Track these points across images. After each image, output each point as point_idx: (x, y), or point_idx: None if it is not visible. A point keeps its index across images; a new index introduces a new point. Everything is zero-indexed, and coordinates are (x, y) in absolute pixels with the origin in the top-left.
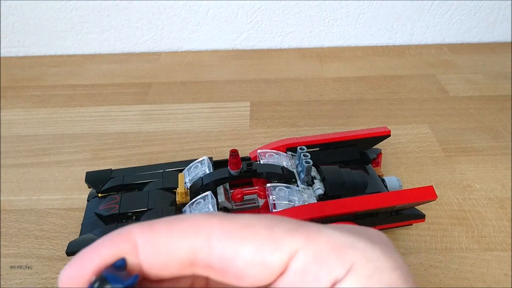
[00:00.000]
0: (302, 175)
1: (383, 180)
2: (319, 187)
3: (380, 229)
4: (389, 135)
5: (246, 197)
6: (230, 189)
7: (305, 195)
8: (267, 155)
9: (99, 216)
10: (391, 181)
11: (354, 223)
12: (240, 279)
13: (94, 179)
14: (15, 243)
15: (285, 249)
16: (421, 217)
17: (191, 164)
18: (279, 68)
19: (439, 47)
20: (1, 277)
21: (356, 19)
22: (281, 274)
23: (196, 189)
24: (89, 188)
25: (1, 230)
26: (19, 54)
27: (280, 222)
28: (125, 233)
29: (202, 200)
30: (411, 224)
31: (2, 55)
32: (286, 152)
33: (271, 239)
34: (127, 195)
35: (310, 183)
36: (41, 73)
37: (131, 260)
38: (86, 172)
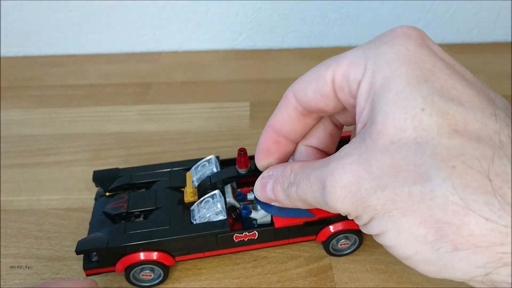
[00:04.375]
0: None
1: None
2: None
3: None
4: None
5: None
6: (238, 188)
7: None
8: None
9: (107, 215)
10: None
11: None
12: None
13: (102, 178)
14: (15, 243)
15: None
16: None
17: (198, 163)
18: (279, 68)
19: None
20: (1, 277)
21: (356, 19)
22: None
23: (204, 188)
24: (96, 187)
25: (1, 230)
26: (19, 54)
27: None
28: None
29: (210, 199)
30: None
31: (2, 55)
32: None
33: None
34: (134, 194)
35: None
36: (41, 73)
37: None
38: (94, 171)
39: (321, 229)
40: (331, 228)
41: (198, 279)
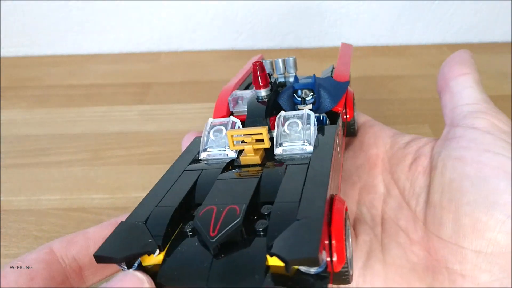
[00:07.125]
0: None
1: None
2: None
3: None
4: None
5: None
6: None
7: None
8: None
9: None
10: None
11: None
12: None
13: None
14: (15, 243)
15: None
16: None
17: (207, 133)
18: None
19: (439, 47)
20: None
21: (356, 19)
22: None
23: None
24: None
25: (1, 230)
26: (19, 54)
27: None
28: None
29: (297, 120)
30: None
31: (2, 55)
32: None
33: None
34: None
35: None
36: (41, 73)
37: None
38: (97, 251)
39: None
40: None
41: None
